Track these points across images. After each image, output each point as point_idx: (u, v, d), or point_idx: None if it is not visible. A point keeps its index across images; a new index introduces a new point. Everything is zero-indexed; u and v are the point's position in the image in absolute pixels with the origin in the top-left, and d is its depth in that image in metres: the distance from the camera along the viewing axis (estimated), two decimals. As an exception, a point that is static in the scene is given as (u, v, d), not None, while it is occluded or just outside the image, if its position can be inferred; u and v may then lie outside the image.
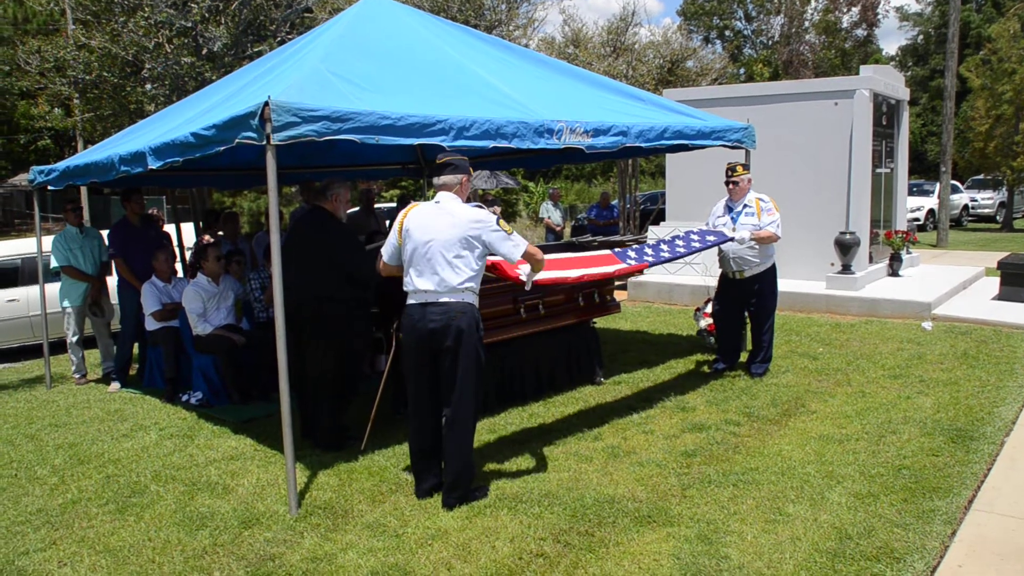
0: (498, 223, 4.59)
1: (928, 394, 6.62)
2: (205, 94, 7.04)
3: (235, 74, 7.46)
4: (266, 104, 4.35)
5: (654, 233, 12.25)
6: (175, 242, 9.34)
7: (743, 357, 7.70)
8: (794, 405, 6.43)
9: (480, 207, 4.70)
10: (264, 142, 4.41)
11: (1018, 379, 6.99)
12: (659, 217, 14.01)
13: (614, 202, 18.25)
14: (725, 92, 12.55)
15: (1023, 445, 5.45)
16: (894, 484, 4.79)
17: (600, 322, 9.45)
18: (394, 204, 15.50)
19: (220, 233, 9.11)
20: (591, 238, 15.32)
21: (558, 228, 16.56)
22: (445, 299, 4.54)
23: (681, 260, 11.46)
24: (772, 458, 5.27)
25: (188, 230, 10.52)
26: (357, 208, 11.70)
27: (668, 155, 12.64)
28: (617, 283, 13.59)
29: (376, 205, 13.14)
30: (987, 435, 5.59)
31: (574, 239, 16.18)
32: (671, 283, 11.97)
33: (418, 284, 4.61)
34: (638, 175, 19.00)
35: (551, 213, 16.56)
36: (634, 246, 6.72)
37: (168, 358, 7.26)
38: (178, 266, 9.44)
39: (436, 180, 4.76)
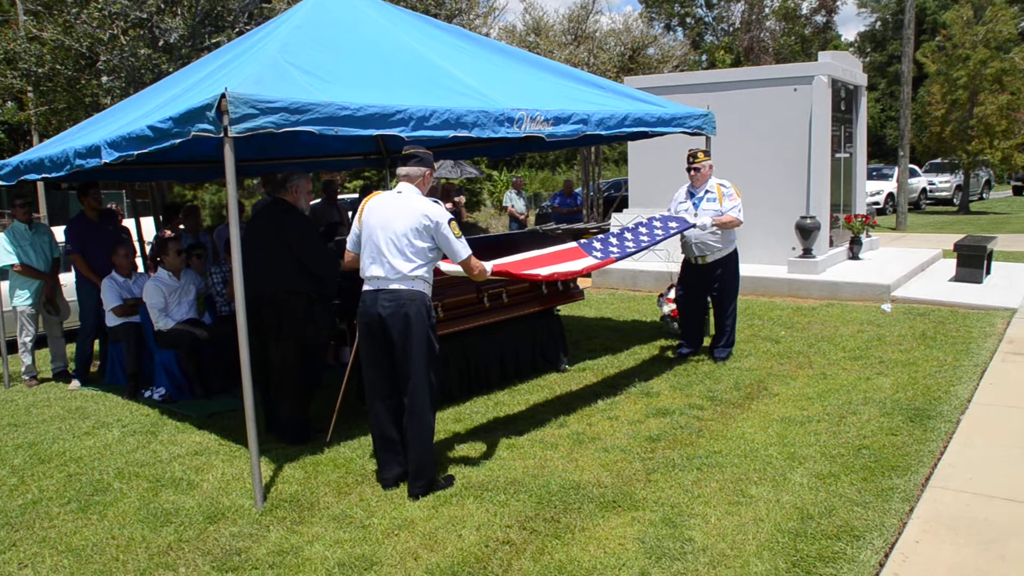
0: (449, 224, 4.62)
1: (887, 375, 6.73)
2: (162, 86, 6.93)
3: (192, 66, 7.35)
4: (223, 96, 4.30)
5: (617, 220, 12.31)
6: (135, 237, 9.21)
7: (706, 342, 7.76)
8: (757, 388, 6.51)
9: (438, 203, 4.72)
10: (221, 135, 4.36)
11: (974, 358, 7.14)
12: (623, 204, 14.06)
13: (577, 190, 18.30)
14: (686, 79, 12.61)
15: (978, 423, 5.57)
16: (854, 464, 4.87)
17: (565, 309, 9.50)
18: (357, 195, 15.40)
19: (181, 227, 9.00)
20: (555, 226, 15.35)
21: (521, 216, 16.57)
22: (395, 286, 4.58)
23: (645, 247, 11.55)
24: (735, 441, 5.33)
25: (148, 224, 10.37)
26: (319, 200, 11.65)
27: (631, 142, 12.68)
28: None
29: (340, 196, 13.08)
30: (943, 414, 5.71)
31: (537, 227, 16.21)
32: (635, 270, 12.03)
33: (370, 271, 4.66)
34: (601, 162, 19.03)
35: (514, 202, 16.56)
36: (599, 236, 6.73)
37: (129, 354, 7.17)
38: (139, 261, 9.33)
39: (400, 170, 4.78)
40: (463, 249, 4.70)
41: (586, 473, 4.87)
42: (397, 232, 4.58)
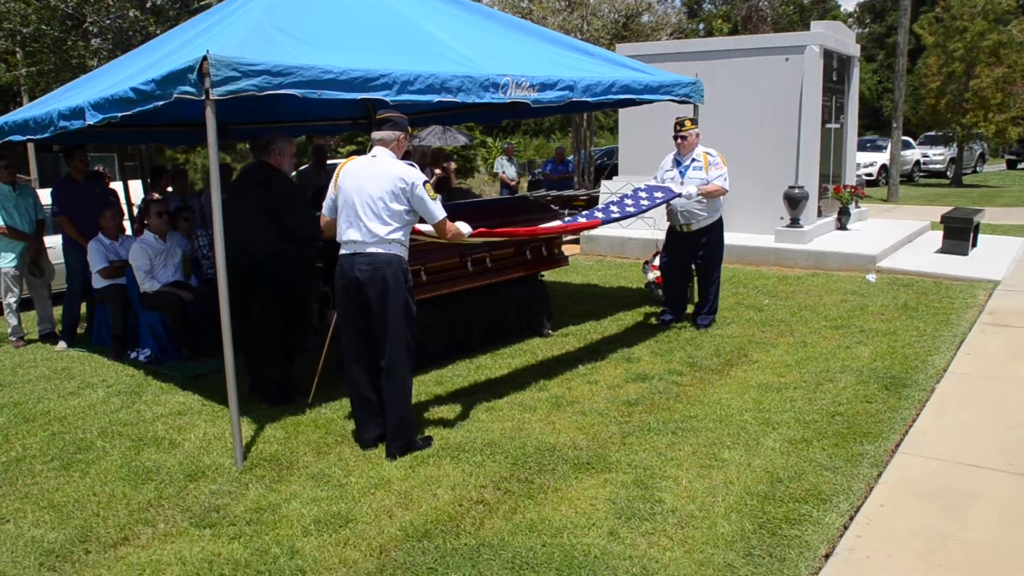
0: (424, 186, 4.64)
1: (867, 344, 6.80)
2: (149, 48, 6.89)
3: (179, 28, 7.30)
4: (204, 58, 4.30)
5: (606, 187, 12.32)
6: (123, 199, 9.20)
7: (690, 309, 7.82)
8: (737, 355, 6.57)
9: (413, 166, 4.75)
10: (203, 97, 4.36)
11: (953, 329, 7.21)
12: (614, 171, 14.05)
13: (570, 157, 18.25)
14: (677, 47, 12.56)
15: (952, 391, 5.65)
16: (827, 430, 4.94)
17: (551, 275, 9.55)
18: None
19: (169, 189, 8.99)
20: (545, 192, 15.33)
21: (512, 183, 16.54)
22: (372, 249, 4.62)
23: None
24: (711, 406, 5.40)
25: (136, 187, 10.35)
26: (308, 164, 11.64)
27: (621, 110, 12.65)
28: (570, 237, 13.78)
29: (330, 161, 13.05)
30: (919, 382, 5.78)
31: (528, 194, 16.18)
32: (623, 237, 12.06)
33: (347, 234, 4.70)
34: (594, 129, 18.98)
35: (505, 168, 16.53)
36: (583, 212, 6.76)
37: (116, 315, 7.20)
38: (126, 223, 9.33)
39: (374, 134, 4.82)
40: (438, 211, 4.73)
41: (562, 436, 4.95)
42: (373, 195, 4.61)
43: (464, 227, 5.09)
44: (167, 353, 7.03)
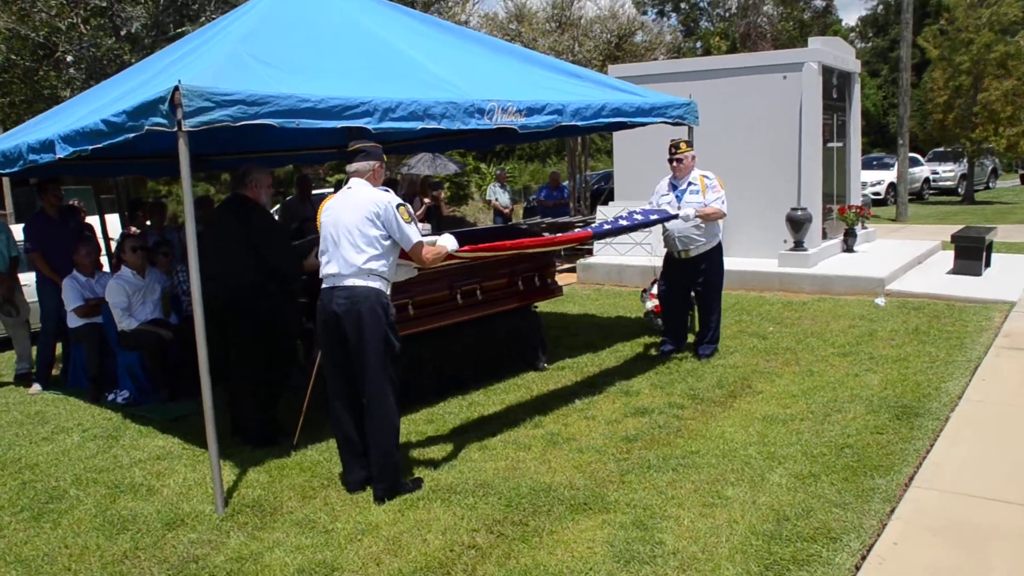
0: (398, 208, 4.66)
1: (876, 371, 6.78)
2: (123, 78, 6.93)
3: (154, 57, 7.36)
4: (176, 89, 4.32)
5: (603, 213, 12.35)
6: (100, 234, 9.19)
7: (691, 339, 7.80)
8: (740, 386, 6.55)
9: (387, 191, 4.77)
10: (175, 128, 4.38)
11: (967, 353, 7.18)
12: (611, 197, 14.11)
13: (565, 183, 18.31)
14: (670, 67, 12.66)
15: (967, 420, 5.62)
16: (836, 463, 4.91)
17: (547, 306, 9.54)
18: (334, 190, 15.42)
19: (148, 223, 9.00)
20: (540, 219, 15.36)
21: (506, 210, 16.60)
22: (350, 282, 4.64)
23: (631, 240, 11.61)
24: (714, 441, 5.37)
25: (114, 221, 10.36)
26: (293, 195, 11.67)
27: (615, 134, 12.71)
28: (566, 265, 13.83)
29: (316, 191, 13.09)
30: (932, 411, 5.75)
31: (521, 222, 16.21)
32: (621, 264, 12.07)
33: (326, 268, 4.74)
34: (588, 153, 19.08)
35: (498, 195, 16.59)
36: (575, 229, 6.78)
37: (92, 356, 7.18)
38: (104, 260, 9.31)
39: (348, 167, 4.85)
40: (413, 235, 4.73)
41: (558, 475, 4.91)
42: (348, 224, 4.65)
43: (449, 242, 5.09)
44: (146, 394, 7.01)
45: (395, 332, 4.75)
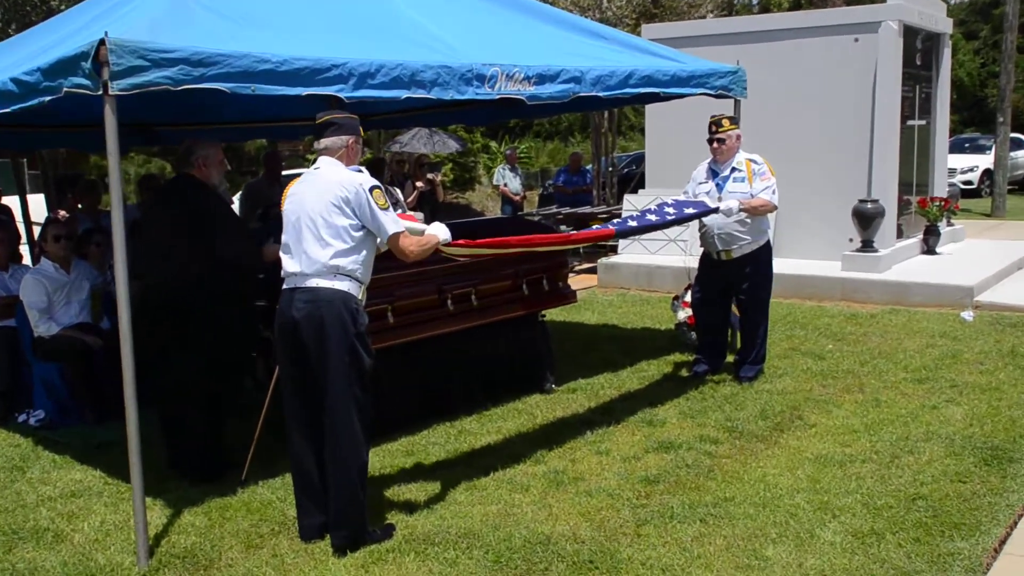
0: (372, 192, 4.59)
1: (960, 403, 6.69)
2: (46, 28, 6.90)
3: (85, 4, 7.29)
4: (102, 43, 4.24)
5: (631, 204, 12.29)
6: (19, 218, 9.18)
7: (731, 357, 7.74)
8: (788, 417, 6.48)
9: (360, 171, 4.73)
10: (100, 92, 4.31)
11: (1074, 383, 7.10)
12: (641, 183, 14.04)
13: (588, 166, 18.23)
14: (714, 28, 12.63)
15: (1072, 466, 5.50)
16: (905, 519, 4.82)
17: (559, 314, 9.50)
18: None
19: (80, 206, 8.97)
20: (556, 209, 15.29)
21: (517, 198, 16.54)
22: (313, 282, 4.59)
23: (664, 236, 11.53)
24: (754, 485, 5.29)
25: (38, 203, 10.35)
26: (260, 175, 11.63)
27: (648, 108, 12.62)
28: (585, 265, 13.75)
29: (288, 172, 13.04)
30: (1030, 455, 5.65)
31: (533, 212, 16.14)
32: (650, 265, 12.05)
33: (287, 265, 4.70)
34: (618, 131, 19.00)
35: (508, 179, 16.54)
36: (596, 227, 6.72)
37: (1, 367, 7.13)
38: (24, 249, 9.29)
39: (317, 143, 4.79)
40: (390, 224, 4.66)
41: (560, 523, 4.85)
42: (312, 212, 4.59)
43: (440, 231, 5.00)
44: (66, 415, 6.94)
45: (365, 344, 4.68)
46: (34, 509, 5.35)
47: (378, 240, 4.74)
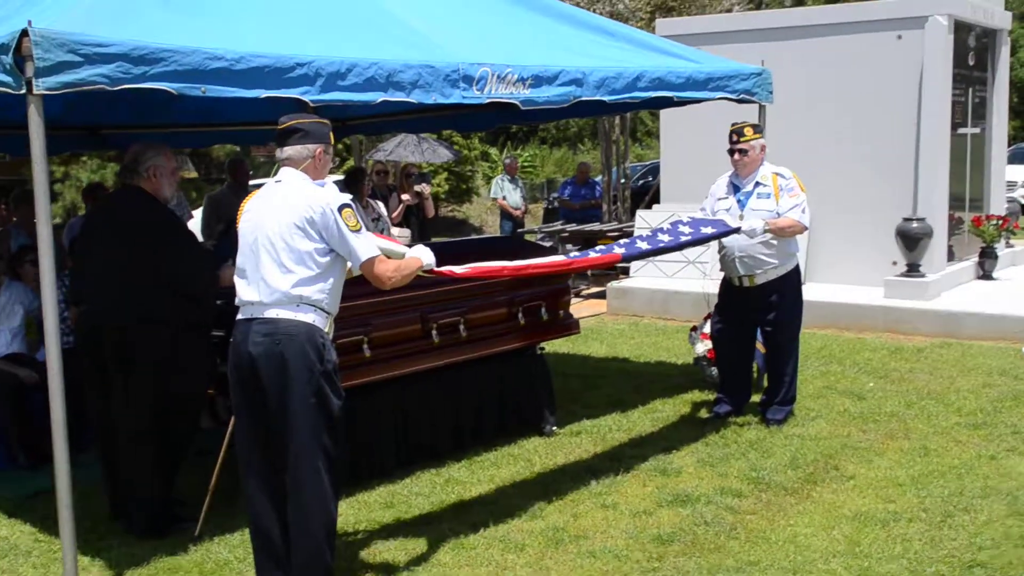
0: (342, 212, 4.54)
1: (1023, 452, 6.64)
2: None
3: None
4: (24, 34, 4.19)
5: (643, 220, 12.24)
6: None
7: (756, 397, 7.70)
8: (823, 467, 6.42)
9: (324, 186, 4.69)
10: (23, 90, 4.26)
11: None
12: (656, 198, 14.03)
13: (598, 177, 18.22)
14: (736, 23, 12.67)
15: None
16: (959, 589, 4.75)
17: (563, 345, 9.44)
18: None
19: (14, 219, 8.93)
20: (562, 226, 15.23)
21: (517, 212, 16.54)
22: (272, 313, 4.53)
23: (683, 257, 11.49)
24: (782, 547, 5.21)
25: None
26: (224, 184, 11.58)
27: (663, 113, 12.60)
28: (593, 289, 13.70)
29: (260, 180, 13.01)
30: (1107, 515, 5.59)
31: (537, 228, 16.07)
32: (666, 290, 12.05)
33: (243, 292, 4.65)
34: (633, 138, 18.98)
35: (507, 192, 16.55)
36: (598, 247, 6.68)
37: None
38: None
39: (279, 152, 4.74)
40: (363, 248, 4.59)
41: (558, 590, 4.78)
42: (271, 234, 4.54)
43: (423, 254, 4.93)
44: (-4, 460, 6.89)
45: (334, 384, 4.63)
46: (-53, 574, 5.30)
47: (349, 265, 4.67)
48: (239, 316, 4.67)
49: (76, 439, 6.25)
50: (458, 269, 5.31)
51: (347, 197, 4.69)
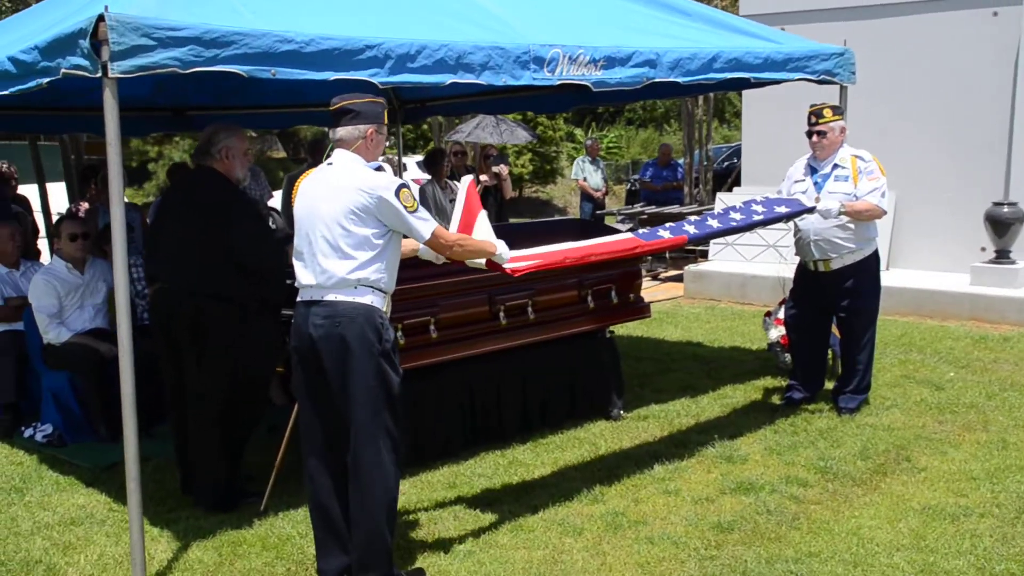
0: (399, 193, 4.52)
1: (1108, 448, 6.50)
2: (53, 4, 6.98)
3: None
4: (100, 19, 4.27)
5: (723, 203, 12.12)
6: (38, 209, 9.37)
7: (829, 384, 7.60)
8: (894, 458, 6.31)
9: (381, 168, 4.70)
10: (99, 73, 4.33)
11: None
12: (738, 180, 13.89)
13: (681, 159, 18.07)
14: (822, 2, 12.38)
15: None
16: (1028, 588, 4.65)
17: (636, 329, 9.41)
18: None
19: (103, 198, 9.10)
20: (642, 208, 15.14)
21: (598, 194, 16.41)
22: (331, 296, 4.56)
23: (761, 239, 11.37)
24: (845, 538, 5.14)
25: (59, 192, 10.53)
26: (304, 165, 11.72)
27: (745, 94, 12.45)
28: (671, 272, 13.60)
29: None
30: None
31: (616, 211, 15.97)
32: (744, 274, 11.98)
33: (301, 276, 4.69)
34: (721, 119, 18.79)
35: (588, 173, 16.41)
36: (667, 224, 6.61)
37: (6, 376, 7.25)
38: (43, 245, 9.47)
39: (332, 133, 4.76)
40: (424, 225, 4.60)
41: (614, 575, 4.76)
42: (327, 219, 4.55)
43: (501, 246, 5.00)
44: (76, 431, 7.03)
45: (393, 363, 4.65)
46: (28, 538, 5.41)
47: (410, 245, 4.73)
48: (299, 298, 4.72)
49: (158, 413, 6.47)
50: (519, 263, 5.24)
51: (399, 179, 4.70)
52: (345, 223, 4.51)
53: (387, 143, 5.07)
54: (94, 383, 6.99)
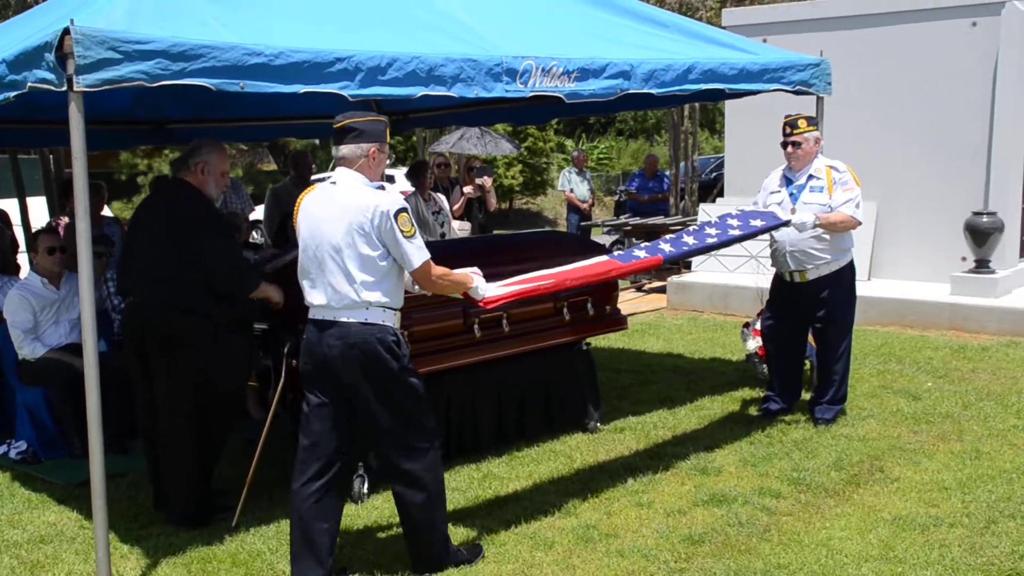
0: (397, 218, 4.59)
1: (1079, 458, 6.49)
2: (27, 18, 6.99)
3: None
4: (66, 33, 4.27)
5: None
6: (18, 223, 9.34)
7: (807, 395, 7.60)
8: (868, 468, 6.31)
9: (381, 188, 4.72)
10: (64, 87, 4.34)
11: None
12: (722, 191, 13.94)
13: (668, 170, 18.09)
14: (799, 12, 12.50)
15: None
16: (996, 600, 4.66)
17: (618, 340, 9.38)
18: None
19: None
20: (626, 219, 15.15)
21: (584, 205, 16.44)
22: (344, 317, 4.66)
23: (744, 251, 11.38)
24: (814, 550, 5.13)
25: (39, 206, 10.52)
26: (287, 178, 11.70)
27: (728, 105, 12.48)
28: (655, 284, 13.60)
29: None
30: None
31: (602, 222, 15.95)
32: (727, 284, 11.99)
33: (311, 297, 4.77)
34: (712, 129, 18.82)
35: (574, 184, 16.46)
36: (642, 244, 6.62)
37: (-21, 391, 7.25)
38: (23, 259, 9.44)
39: (335, 151, 4.82)
40: (417, 254, 4.68)
41: (581, 589, 4.76)
42: (334, 241, 4.62)
43: (479, 280, 5.08)
44: (51, 447, 7.01)
45: (413, 372, 4.90)
46: (-5, 557, 5.41)
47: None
48: (311, 316, 4.79)
49: (132, 428, 6.45)
50: (497, 292, 5.28)
51: (403, 201, 4.74)
52: (351, 244, 4.59)
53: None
54: (69, 398, 6.92)
